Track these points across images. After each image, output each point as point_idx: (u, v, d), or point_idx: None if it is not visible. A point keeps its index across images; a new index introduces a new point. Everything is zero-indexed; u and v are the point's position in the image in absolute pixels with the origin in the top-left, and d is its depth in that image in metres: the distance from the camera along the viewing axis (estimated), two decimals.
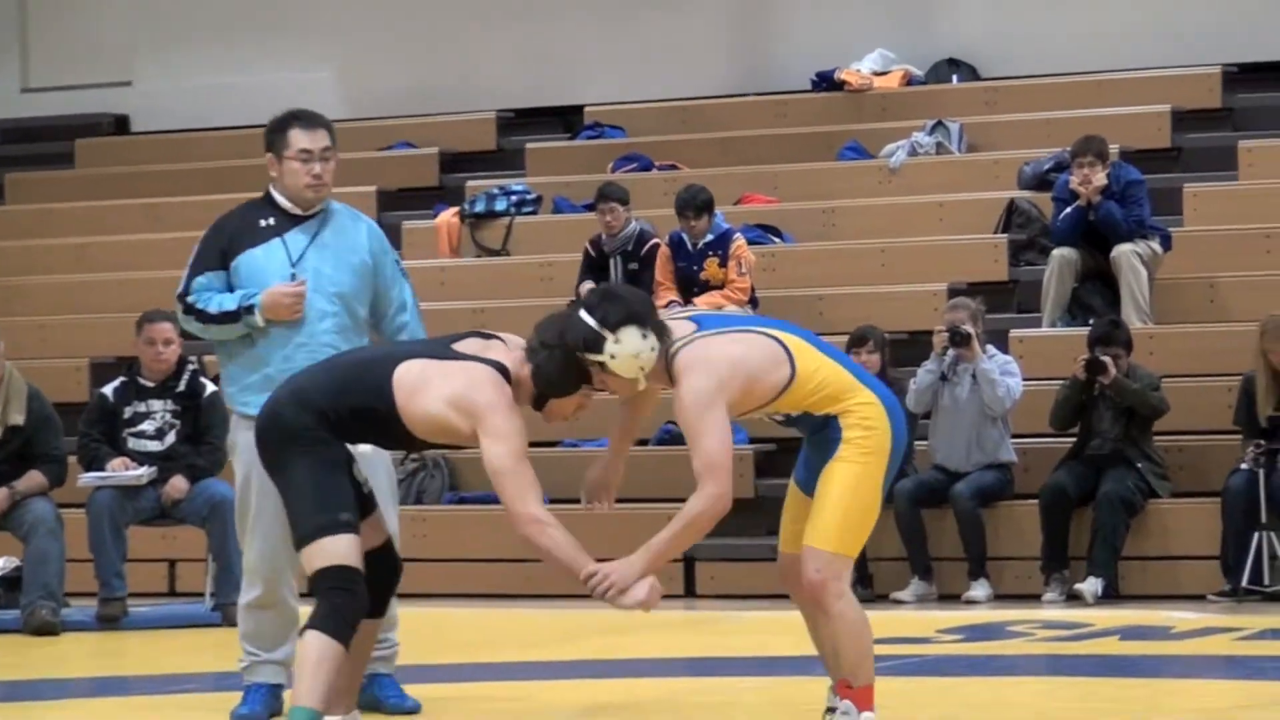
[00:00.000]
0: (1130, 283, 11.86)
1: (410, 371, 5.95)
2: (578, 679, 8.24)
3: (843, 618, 5.88)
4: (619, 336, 5.81)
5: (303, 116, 7.02)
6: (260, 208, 7.04)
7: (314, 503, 5.92)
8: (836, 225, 13.49)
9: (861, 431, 5.87)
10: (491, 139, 15.53)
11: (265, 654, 6.97)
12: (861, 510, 5.90)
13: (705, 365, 5.84)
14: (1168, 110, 13.65)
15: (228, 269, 6.99)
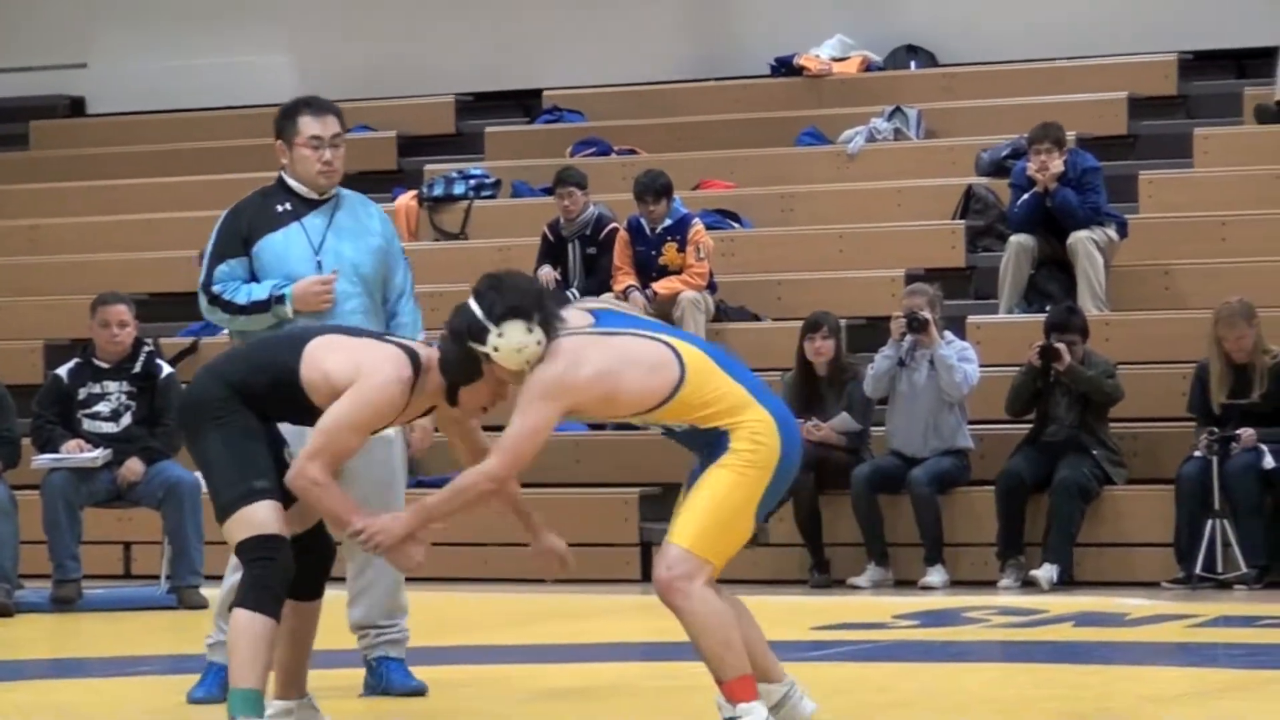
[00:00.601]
0: (1086, 269, 11.90)
1: (322, 343, 5.88)
2: (533, 663, 8.25)
3: (691, 615, 5.67)
4: (502, 329, 5.67)
5: (313, 103, 7.07)
6: (274, 194, 7.07)
7: (229, 474, 5.80)
8: (795, 210, 13.51)
9: (750, 445, 5.69)
10: (450, 122, 15.50)
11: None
12: (729, 516, 5.70)
13: (567, 357, 5.67)
14: (1124, 97, 13.69)
15: (249, 256, 7.00)
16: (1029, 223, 12.00)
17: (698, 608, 5.67)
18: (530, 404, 5.63)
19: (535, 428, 5.64)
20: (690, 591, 5.66)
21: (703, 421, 5.73)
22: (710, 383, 5.73)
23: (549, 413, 5.65)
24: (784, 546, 11.25)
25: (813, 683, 7.51)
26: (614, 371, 5.68)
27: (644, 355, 5.71)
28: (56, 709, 7.25)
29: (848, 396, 11.28)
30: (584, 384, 5.66)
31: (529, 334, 5.67)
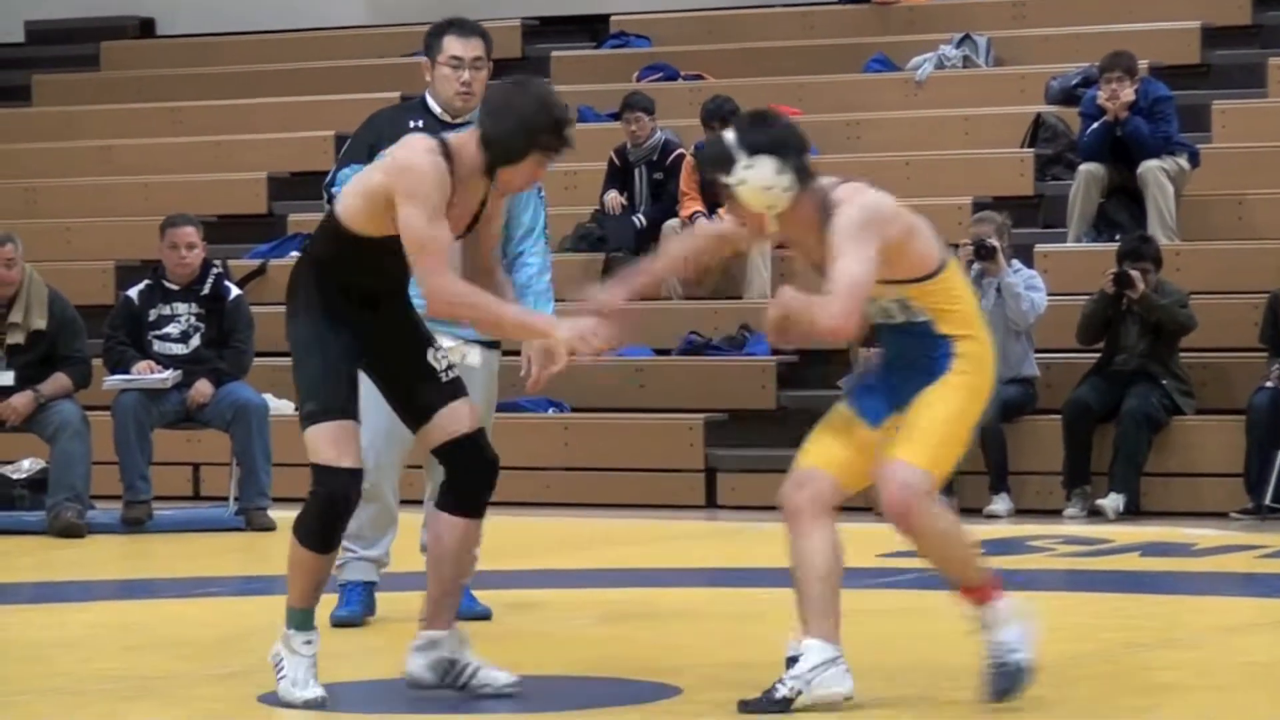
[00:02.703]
0: (1157, 199, 11.82)
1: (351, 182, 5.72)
2: (596, 588, 8.28)
3: (932, 533, 5.47)
4: (752, 162, 5.35)
5: (459, 24, 7.04)
6: (413, 110, 7.07)
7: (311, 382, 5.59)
8: (862, 138, 13.44)
9: (974, 365, 5.48)
10: (517, 47, 15.45)
11: (362, 550, 6.97)
12: (960, 439, 5.50)
13: (867, 198, 5.36)
14: (1197, 26, 13.56)
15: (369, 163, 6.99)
16: (1099, 152, 11.92)
17: (938, 525, 5.50)
18: (848, 241, 5.29)
19: (866, 265, 5.29)
20: (928, 509, 5.47)
21: (941, 318, 5.47)
22: (963, 284, 5.56)
23: (870, 248, 5.29)
24: None
25: (879, 609, 7.54)
26: (907, 216, 5.43)
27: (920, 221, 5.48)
28: (126, 629, 7.33)
29: None
30: (890, 215, 5.36)
31: (778, 175, 5.36)
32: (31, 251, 10.84)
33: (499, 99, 5.63)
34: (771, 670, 6.17)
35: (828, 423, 5.62)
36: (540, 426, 12.08)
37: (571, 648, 6.69)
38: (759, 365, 11.96)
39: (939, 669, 6.20)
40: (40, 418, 10.35)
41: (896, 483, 5.43)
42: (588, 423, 12.00)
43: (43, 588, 8.64)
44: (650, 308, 12.60)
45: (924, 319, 5.51)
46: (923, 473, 5.43)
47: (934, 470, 5.46)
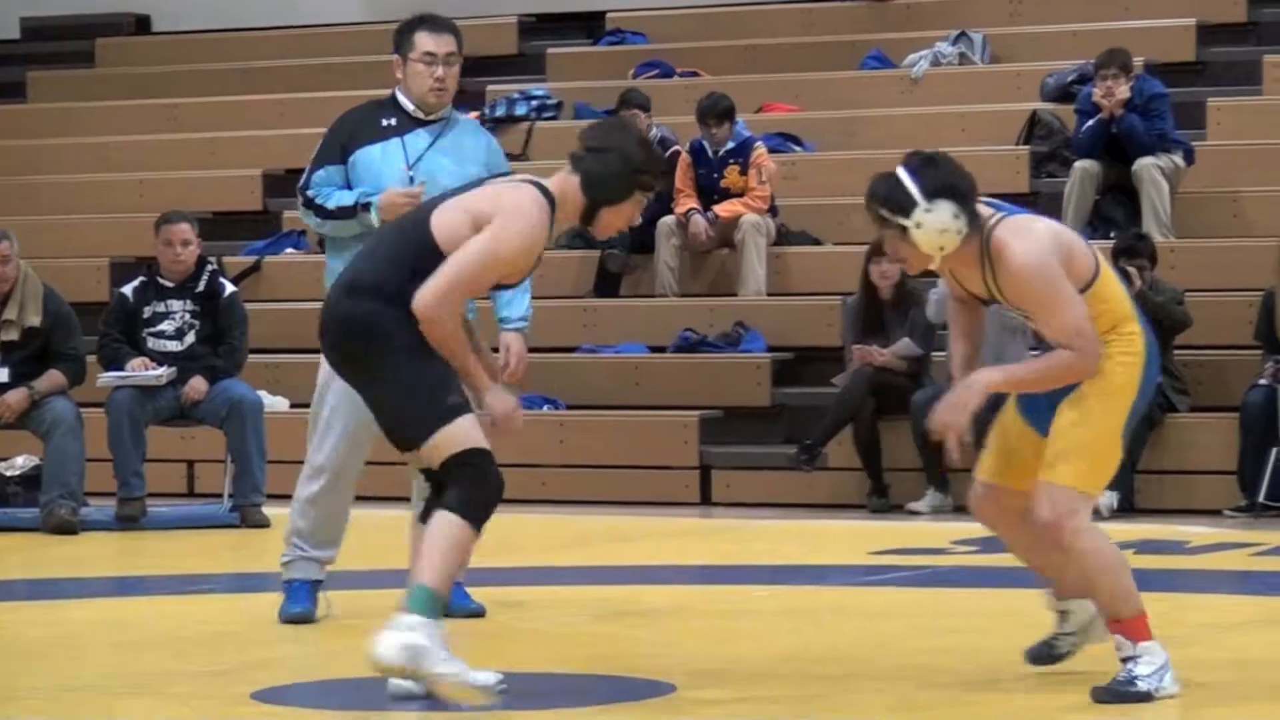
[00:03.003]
0: (1151, 196, 11.83)
1: (449, 203, 5.62)
2: (590, 585, 8.28)
3: (1089, 554, 5.55)
4: (932, 205, 5.47)
5: (431, 20, 7.04)
6: (384, 107, 7.05)
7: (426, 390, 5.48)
8: (858, 134, 13.44)
9: (1122, 364, 5.55)
10: (513, 43, 15.46)
11: (311, 550, 7.01)
12: (1109, 446, 5.60)
13: (1030, 233, 5.49)
14: (1192, 24, 13.56)
15: (346, 164, 6.99)
16: (1094, 149, 11.92)
17: (1092, 546, 5.57)
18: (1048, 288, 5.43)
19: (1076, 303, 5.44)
20: (1080, 529, 5.55)
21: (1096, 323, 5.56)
22: (1113, 282, 5.63)
23: (1064, 281, 5.45)
24: (843, 471, 11.25)
25: (870, 607, 7.54)
26: (1067, 232, 5.62)
27: (1070, 231, 5.65)
28: (120, 626, 7.32)
29: (910, 321, 11.25)
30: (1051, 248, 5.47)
31: (955, 219, 5.47)
32: (27, 248, 10.83)
33: (600, 139, 5.63)
34: (763, 666, 6.18)
35: (1000, 431, 5.74)
36: (536, 424, 12.07)
37: (566, 645, 6.69)
38: (754, 362, 11.97)
39: (928, 666, 6.20)
40: (34, 414, 10.35)
41: (1048, 504, 5.54)
42: (583, 420, 12.00)
43: (37, 585, 8.63)
44: (645, 305, 12.62)
45: None
46: (1069, 491, 5.53)
47: (1083, 486, 5.56)
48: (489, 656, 5.99)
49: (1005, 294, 5.53)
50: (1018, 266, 5.46)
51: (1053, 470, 5.53)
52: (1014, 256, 5.46)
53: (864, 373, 11.17)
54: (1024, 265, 5.45)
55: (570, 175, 5.61)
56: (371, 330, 5.55)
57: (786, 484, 11.39)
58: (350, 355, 5.62)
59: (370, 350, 5.56)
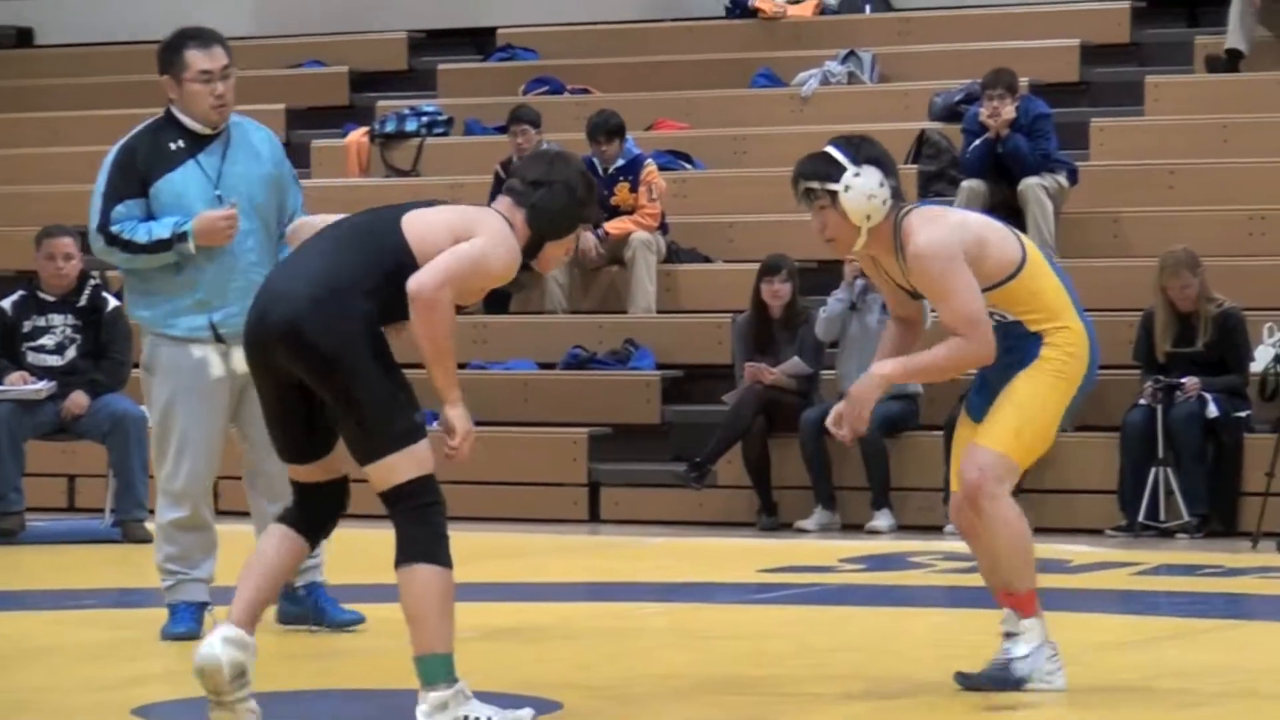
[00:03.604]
0: (1036, 216, 11.93)
1: (419, 219, 5.47)
2: (474, 601, 8.24)
3: (1000, 520, 5.71)
4: (861, 170, 5.64)
5: (197, 36, 7.00)
6: (165, 130, 7.01)
7: (397, 403, 5.29)
8: (748, 152, 13.49)
9: (1063, 355, 5.71)
10: (403, 59, 15.42)
11: (191, 572, 6.99)
12: (1043, 425, 5.72)
13: (938, 221, 5.68)
14: (1076, 44, 13.71)
15: (147, 196, 6.93)
16: (981, 168, 12.02)
17: (1008, 513, 5.72)
18: (945, 277, 5.57)
19: (972, 291, 5.59)
20: (1000, 494, 5.70)
21: (1025, 315, 5.72)
22: (1043, 275, 5.75)
23: (965, 270, 5.59)
24: (732, 489, 11.28)
25: (759, 625, 7.56)
26: (980, 223, 5.75)
27: (995, 224, 5.79)
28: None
29: (800, 340, 11.30)
30: (957, 241, 5.61)
31: (881, 187, 5.64)
32: None
33: (542, 173, 5.54)
34: (651, 684, 6.18)
35: (957, 436, 5.93)
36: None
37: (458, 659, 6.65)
38: (643, 380, 11.98)
39: (815, 683, 6.21)
40: None
41: (975, 465, 5.70)
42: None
43: None
44: (535, 321, 12.60)
45: (1012, 319, 5.74)
46: (999, 456, 5.68)
47: (1012, 455, 5.70)
48: (380, 673, 5.95)
49: (910, 276, 5.67)
50: (919, 250, 5.61)
51: (988, 435, 5.71)
52: (917, 242, 5.61)
53: (754, 391, 11.20)
54: (924, 250, 5.60)
55: (515, 209, 5.53)
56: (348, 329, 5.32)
57: (676, 502, 11.41)
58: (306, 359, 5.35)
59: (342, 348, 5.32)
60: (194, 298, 6.87)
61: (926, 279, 5.63)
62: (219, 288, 6.83)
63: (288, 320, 5.33)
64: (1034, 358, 5.71)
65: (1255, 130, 12.59)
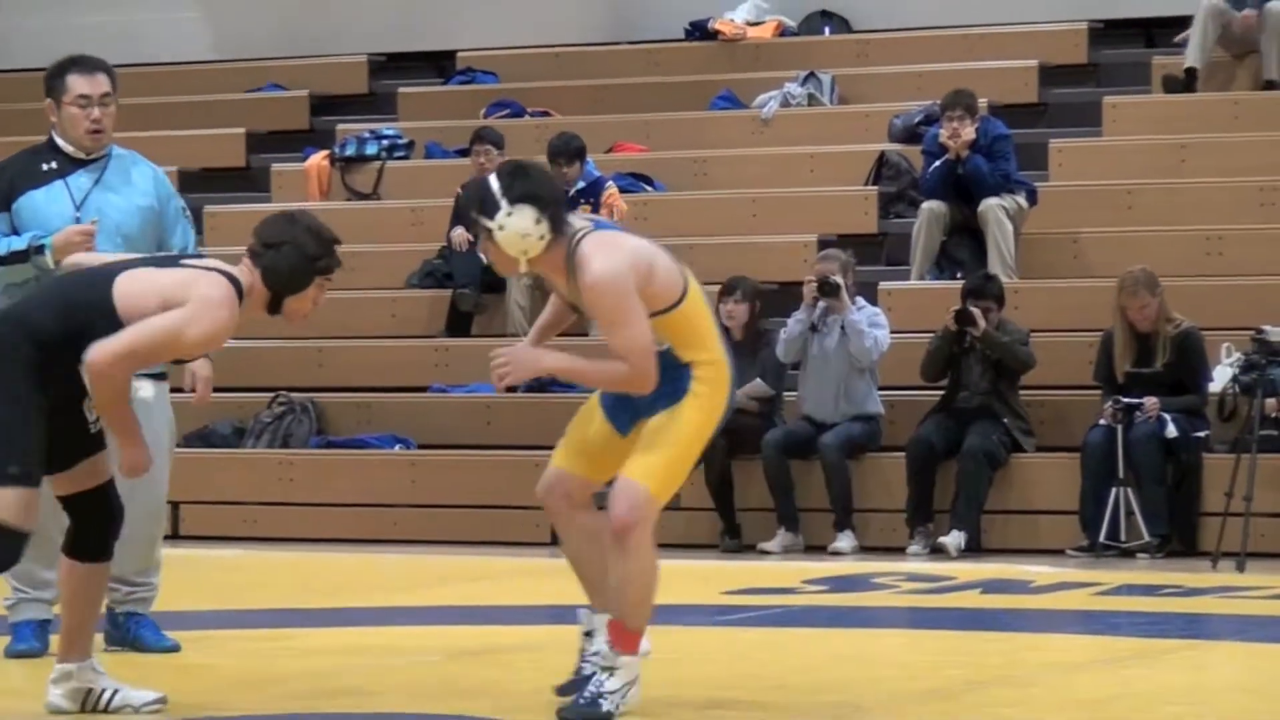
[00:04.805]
0: (996, 237, 11.98)
1: (135, 275, 5.82)
2: (439, 624, 8.25)
3: (638, 558, 5.80)
4: (513, 210, 5.75)
5: (81, 62, 7.12)
6: (42, 152, 7.11)
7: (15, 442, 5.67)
8: (708, 174, 13.52)
9: (709, 388, 5.85)
10: (363, 82, 15.42)
11: (33, 591, 7.07)
12: (689, 461, 5.90)
13: (611, 248, 5.76)
14: (1035, 65, 13.77)
15: (10, 212, 7.03)
16: (940, 190, 12.06)
17: (645, 554, 5.83)
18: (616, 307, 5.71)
19: (641, 322, 5.72)
20: (646, 533, 5.81)
21: (681, 343, 5.84)
22: (700, 307, 5.89)
23: (635, 301, 5.71)
24: (695, 511, 11.28)
25: (723, 647, 7.57)
26: (650, 252, 5.82)
27: (660, 253, 5.87)
28: None
29: (760, 362, 11.31)
30: (628, 270, 5.72)
31: (536, 224, 5.74)
32: None
33: (273, 235, 5.87)
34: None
35: (578, 422, 6.05)
36: (387, 463, 12.03)
37: (418, 685, 6.65)
38: None
39: (778, 705, 6.23)
40: None
41: (628, 502, 5.78)
42: (434, 460, 11.97)
43: None
44: (496, 344, 12.57)
45: (665, 346, 5.85)
46: (650, 497, 5.79)
47: (661, 494, 5.83)
48: (340, 698, 5.94)
49: (583, 304, 5.82)
50: (592, 280, 5.72)
51: (643, 469, 5.79)
52: (590, 271, 5.72)
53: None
54: (598, 280, 5.71)
55: (253, 269, 5.86)
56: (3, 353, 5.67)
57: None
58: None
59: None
60: None
61: (599, 309, 5.77)
62: None
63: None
64: (684, 391, 5.82)
65: (1213, 150, 12.67)
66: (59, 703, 5.96)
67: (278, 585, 7.15)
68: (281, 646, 7.32)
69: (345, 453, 12.18)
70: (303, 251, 5.85)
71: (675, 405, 5.80)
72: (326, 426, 12.47)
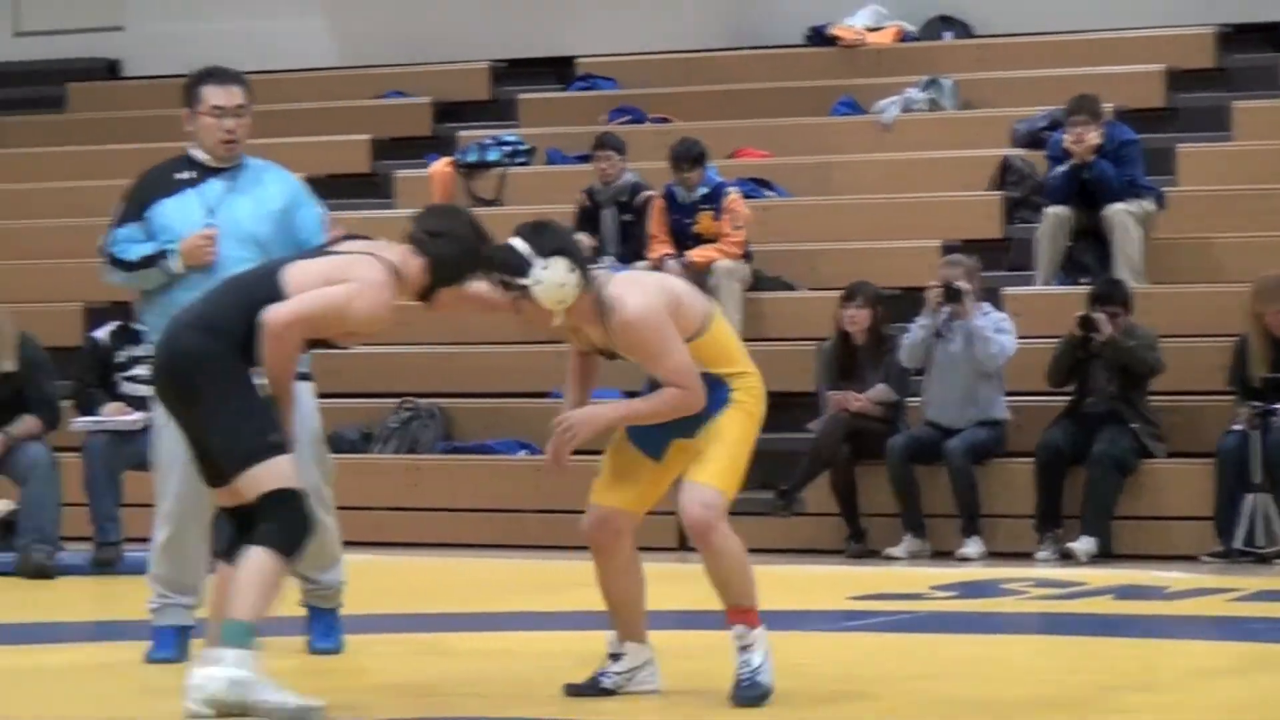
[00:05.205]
0: (1122, 242, 11.88)
1: (300, 269, 5.96)
2: (562, 630, 8.26)
3: (727, 551, 6.13)
4: (548, 264, 5.94)
5: (217, 73, 7.31)
6: (180, 162, 7.31)
7: (253, 425, 5.84)
8: (831, 180, 13.49)
9: (748, 396, 6.15)
10: (485, 89, 15.49)
11: (176, 597, 7.14)
12: (745, 460, 6.17)
13: (639, 285, 6.08)
14: (1162, 70, 13.65)
15: (144, 219, 7.21)
16: (1065, 194, 11.98)
17: (732, 544, 6.14)
18: (657, 340, 5.98)
19: (682, 350, 6.00)
20: (723, 527, 6.11)
21: (712, 363, 6.11)
22: (725, 329, 6.19)
23: (672, 330, 6.00)
24: (820, 516, 11.26)
25: (849, 652, 7.54)
26: (672, 283, 6.18)
27: (685, 284, 6.23)
28: (100, 670, 7.29)
29: (885, 366, 11.28)
30: (659, 304, 6.00)
31: (570, 273, 5.96)
32: (0, 293, 10.80)
33: (439, 225, 6.02)
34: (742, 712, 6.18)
35: (612, 457, 6.30)
36: (512, 468, 12.07)
37: (545, 690, 6.67)
38: None
39: (907, 712, 6.20)
40: (9, 460, 10.32)
41: (698, 503, 6.10)
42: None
43: (12, 629, 8.58)
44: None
45: (701, 369, 6.10)
46: (719, 493, 6.11)
47: (728, 491, 6.14)
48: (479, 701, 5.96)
49: (618, 343, 6.05)
50: (630, 318, 5.99)
51: (707, 472, 6.10)
52: (625, 309, 5.99)
53: (839, 418, 11.19)
54: (636, 316, 5.99)
55: (415, 256, 5.98)
56: (203, 363, 5.86)
57: (763, 529, 11.36)
58: (177, 386, 5.92)
59: (198, 382, 5.86)
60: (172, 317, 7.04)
61: (639, 345, 6.01)
62: None
63: (160, 358, 6.00)
64: (725, 401, 6.11)
65: None
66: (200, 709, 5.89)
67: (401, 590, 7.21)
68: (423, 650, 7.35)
69: (471, 458, 12.24)
70: (469, 243, 5.99)
71: (717, 416, 6.09)
72: (453, 432, 12.54)
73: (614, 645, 6.40)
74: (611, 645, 6.40)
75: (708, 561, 6.16)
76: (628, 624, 6.38)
